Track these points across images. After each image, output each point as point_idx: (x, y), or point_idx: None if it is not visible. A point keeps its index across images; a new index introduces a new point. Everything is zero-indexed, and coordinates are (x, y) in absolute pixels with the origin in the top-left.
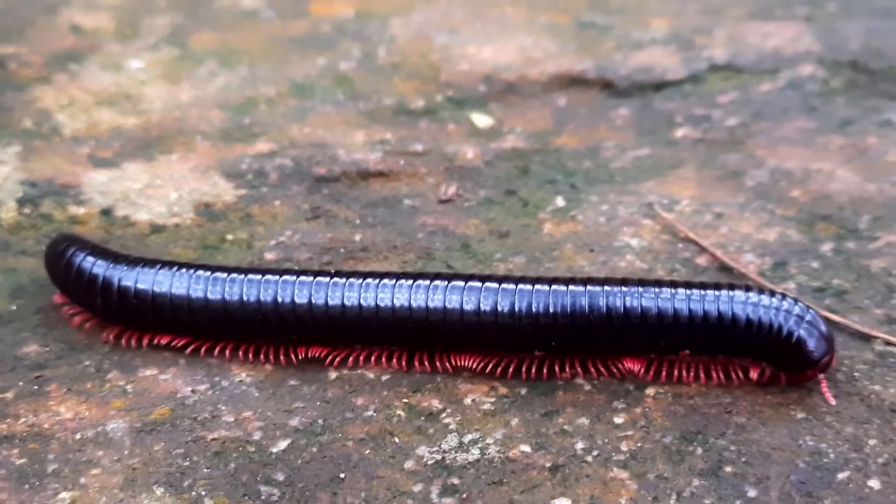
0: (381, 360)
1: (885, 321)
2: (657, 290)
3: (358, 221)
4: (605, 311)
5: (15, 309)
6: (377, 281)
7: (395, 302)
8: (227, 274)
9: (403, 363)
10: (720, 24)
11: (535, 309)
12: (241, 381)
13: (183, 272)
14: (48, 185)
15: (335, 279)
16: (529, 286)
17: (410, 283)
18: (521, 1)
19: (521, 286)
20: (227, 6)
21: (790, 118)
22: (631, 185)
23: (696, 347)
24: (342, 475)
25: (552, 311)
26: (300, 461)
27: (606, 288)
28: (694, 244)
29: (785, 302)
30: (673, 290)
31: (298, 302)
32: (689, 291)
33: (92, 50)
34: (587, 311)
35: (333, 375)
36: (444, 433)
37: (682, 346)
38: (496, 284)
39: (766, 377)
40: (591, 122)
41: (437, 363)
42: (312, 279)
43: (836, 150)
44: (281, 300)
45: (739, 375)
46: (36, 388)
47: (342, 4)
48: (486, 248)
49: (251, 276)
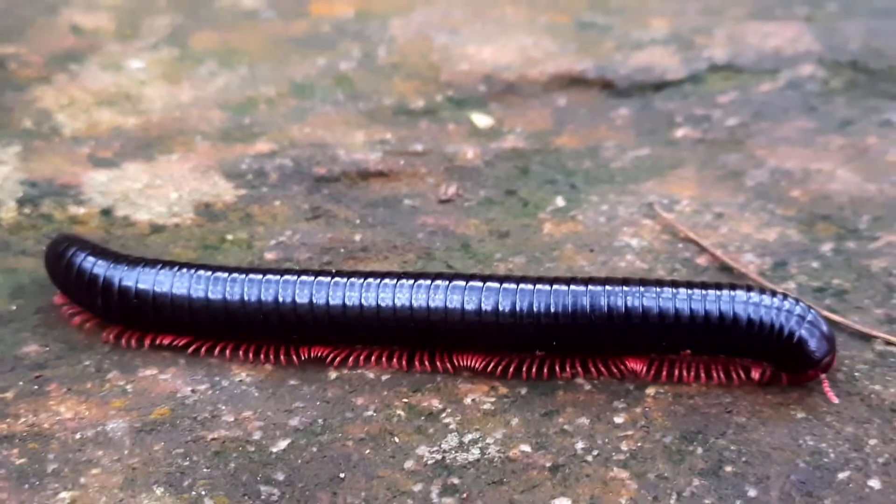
0: (381, 359)
1: (885, 321)
2: (658, 289)
3: (358, 221)
4: (606, 310)
5: (15, 309)
6: (378, 281)
7: (396, 302)
8: (228, 274)
9: (404, 363)
10: (720, 24)
11: (536, 309)
12: (241, 380)
13: (184, 272)
14: (48, 185)
15: (336, 279)
16: (531, 286)
17: (411, 282)
18: (521, 1)
19: (522, 286)
20: (227, 6)
21: (790, 118)
22: (631, 185)
23: (697, 347)
24: (342, 475)
25: (553, 310)
26: (300, 461)
27: (608, 287)
28: (694, 244)
29: (786, 302)
30: (674, 289)
31: (299, 302)
32: (690, 291)
33: (92, 50)
34: (588, 310)
35: (333, 375)
36: (444, 433)
37: (683, 345)
38: (497, 284)
39: (766, 377)
40: (591, 122)
41: (437, 363)
42: (313, 279)
43: (836, 150)
44: (282, 300)
45: (740, 375)
46: (36, 387)
47: (342, 4)
48: (486, 248)
49: (252, 275)
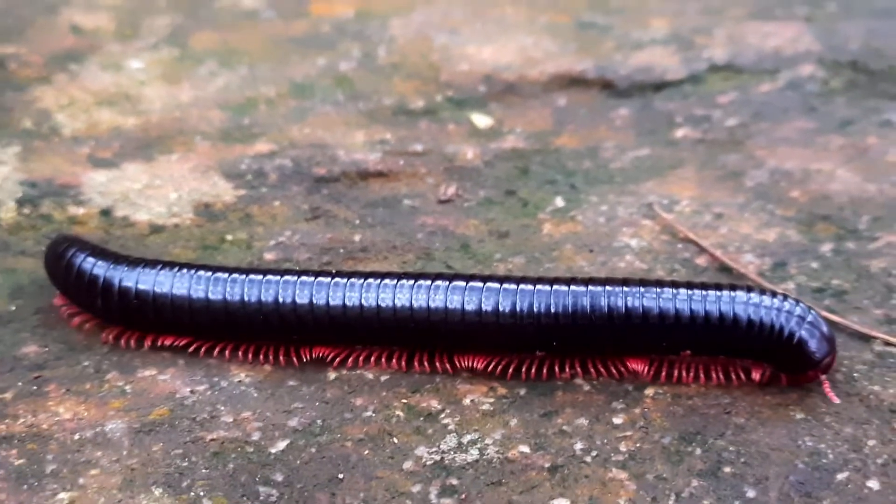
0: (380, 360)
1: (884, 321)
2: (659, 290)
3: (357, 222)
4: (606, 311)
5: (14, 309)
6: (378, 281)
7: (396, 302)
8: (228, 274)
9: (403, 364)
10: (720, 24)
11: (536, 309)
12: (240, 381)
13: (184, 272)
14: (48, 185)
15: (336, 279)
16: (531, 286)
17: (412, 283)
18: (521, 1)
19: (522, 286)
20: (227, 6)
21: (790, 118)
22: (631, 185)
23: (697, 348)
24: (341, 476)
25: (554, 311)
26: (299, 462)
27: (608, 288)
28: (693, 244)
29: (786, 303)
30: (674, 290)
31: (299, 302)
32: (690, 292)
33: (92, 50)
34: (589, 311)
35: (332, 376)
36: (442, 434)
37: (683, 346)
38: (497, 284)
39: (765, 378)
40: (590, 122)
41: (436, 363)
42: (313, 279)
43: (835, 150)
44: (282, 300)
45: (739, 376)
46: (35, 388)
47: (342, 4)
48: (485, 248)
49: (252, 276)
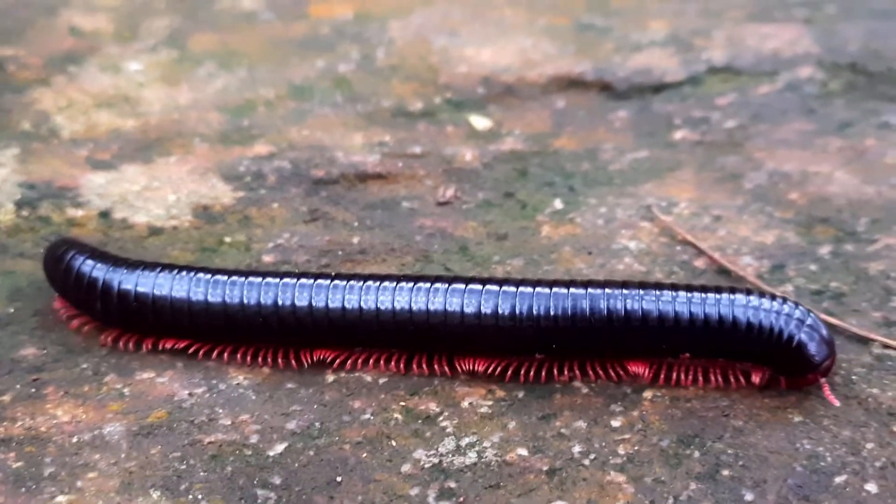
0: (378, 362)
1: (883, 324)
2: (658, 292)
3: (356, 224)
4: (606, 313)
5: (12, 311)
6: (378, 283)
7: (395, 305)
8: (227, 277)
9: (402, 366)
10: (719, 25)
11: (536, 312)
12: (238, 384)
13: (183, 275)
14: (46, 187)
15: (335, 282)
16: (530, 289)
17: (411, 285)
18: (520, 3)
19: (521, 289)
20: (226, 8)
21: (789, 120)
22: (629, 187)
23: (696, 351)
24: (339, 479)
25: (553, 313)
26: (297, 465)
27: (607, 291)
28: (692, 247)
29: (786, 306)
30: (674, 293)
31: (299, 305)
32: (690, 294)
33: (91, 52)
34: (588, 313)
35: (331, 378)
36: (441, 436)
37: (682, 349)
38: (497, 287)
39: (764, 381)
40: (589, 124)
41: (435, 366)
42: (313, 282)
43: (834, 152)
44: (281, 303)
45: (738, 379)
46: (33, 391)
47: (341, 6)
48: (484, 250)
49: (252, 278)
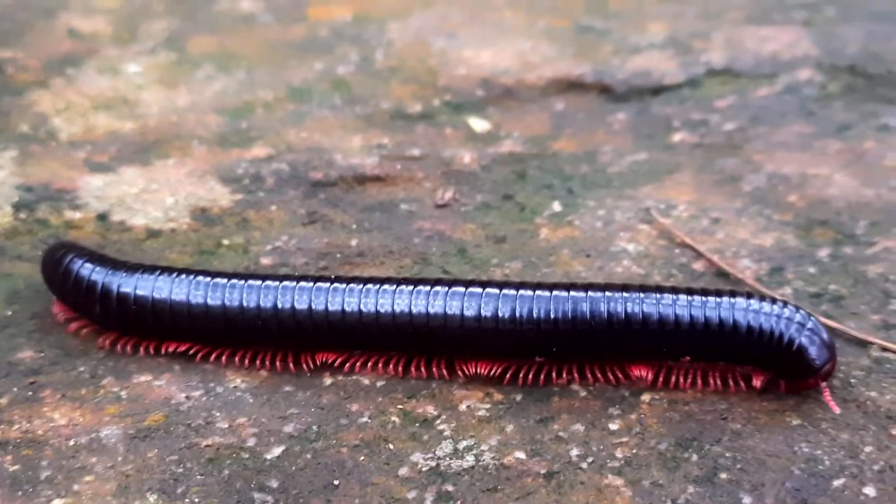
0: (377, 365)
1: (881, 327)
2: (658, 296)
3: (354, 226)
4: (606, 317)
5: (10, 314)
6: (377, 287)
7: (395, 308)
8: (227, 280)
9: (400, 369)
10: (718, 28)
11: (536, 315)
12: (235, 386)
13: (182, 278)
14: (44, 189)
15: (335, 285)
16: (530, 292)
17: (411, 288)
18: (519, 5)
19: (521, 292)
20: (224, 10)
21: (788, 123)
22: (628, 189)
23: (696, 354)
24: (336, 482)
25: (553, 316)
26: (294, 468)
27: (608, 294)
28: (690, 249)
29: (786, 309)
30: (674, 296)
31: (298, 308)
32: (690, 298)
33: (89, 54)
34: (588, 316)
35: (328, 381)
36: (438, 440)
37: (682, 352)
38: (497, 290)
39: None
40: (588, 126)
41: (433, 369)
42: (312, 285)
43: (833, 154)
44: (281, 306)
45: (738, 382)
46: (30, 393)
47: (340, 8)
48: (482, 253)
49: (251, 281)
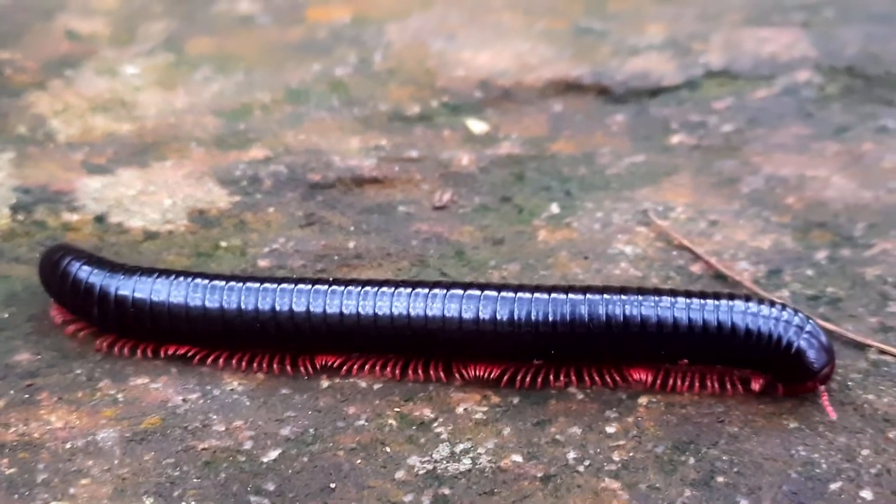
0: (374, 368)
1: (879, 329)
2: (657, 298)
3: (352, 228)
4: (604, 319)
5: (7, 316)
6: (376, 289)
7: (393, 310)
8: (225, 282)
9: (397, 372)
10: (717, 29)
11: (534, 317)
12: (232, 389)
13: (181, 281)
14: (42, 191)
15: (334, 287)
16: (529, 294)
17: (409, 291)
18: (517, 6)
19: (520, 294)
20: (223, 12)
21: (786, 124)
22: (626, 191)
23: (695, 357)
24: (333, 485)
25: (551, 319)
26: (291, 471)
27: (606, 296)
28: (688, 252)
29: (785, 312)
30: (673, 298)
31: (296, 310)
32: (688, 300)
33: (87, 56)
34: (587, 319)
35: (325, 384)
36: (435, 442)
37: (681, 355)
38: (495, 293)
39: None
40: (586, 128)
41: (430, 372)
42: (310, 287)
43: (831, 156)
44: (279, 308)
45: (735, 385)
46: (27, 396)
47: (339, 10)
48: (480, 255)
49: (249, 284)
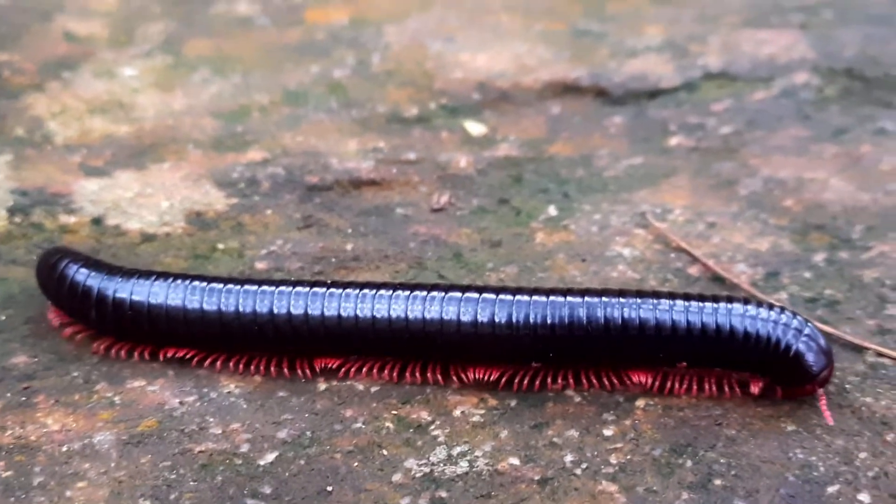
0: (371, 371)
1: (877, 332)
2: (656, 301)
3: (350, 230)
4: (603, 322)
5: (4, 319)
6: (374, 292)
7: (391, 313)
8: (223, 285)
9: (394, 374)
10: (715, 31)
11: (533, 320)
12: (229, 392)
13: (179, 283)
14: (39, 193)
15: (331, 290)
16: (527, 297)
17: (407, 293)
18: (516, 8)
19: (518, 297)
20: (221, 13)
21: (784, 126)
22: (624, 193)
23: (693, 359)
24: (330, 488)
25: (550, 322)
26: (287, 474)
27: (605, 299)
28: (686, 254)
29: (784, 315)
30: (671, 301)
31: (295, 313)
32: (687, 303)
33: (85, 57)
34: (585, 322)
35: (322, 387)
36: (432, 445)
37: (679, 357)
38: (494, 295)
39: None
40: (584, 130)
41: (428, 374)
42: (309, 290)
43: (829, 158)
44: (277, 311)
45: (734, 388)
46: (24, 399)
47: (337, 12)
48: (478, 257)
49: (247, 286)
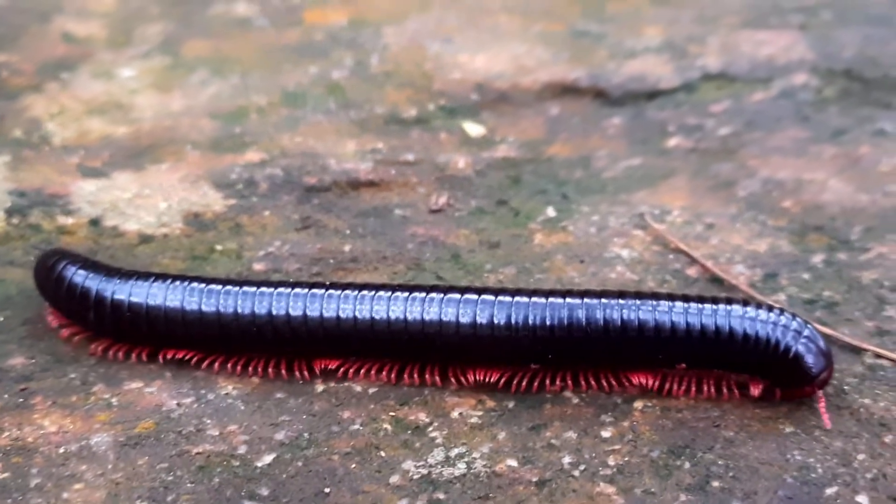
0: (369, 372)
1: (875, 333)
2: (655, 302)
3: (348, 232)
4: (602, 324)
5: (2, 320)
6: (373, 293)
7: (390, 314)
8: (221, 286)
9: (392, 376)
10: (714, 32)
11: (532, 322)
12: (226, 393)
13: (177, 285)
14: (37, 194)
15: (330, 291)
16: (526, 298)
17: (406, 295)
18: (515, 9)
19: (518, 299)
20: (219, 14)
21: (783, 127)
22: (622, 195)
23: (692, 361)
24: (327, 490)
25: (549, 323)
26: (285, 476)
27: (604, 300)
28: (685, 255)
29: (783, 317)
30: (671, 303)
31: (293, 314)
32: (686, 305)
33: (84, 58)
34: (584, 323)
35: (320, 388)
36: (430, 447)
37: (678, 359)
38: (493, 297)
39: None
40: (583, 131)
41: (426, 376)
42: (307, 291)
43: (828, 159)
44: (276, 312)
45: (732, 390)
46: (21, 400)
47: (336, 13)
48: (476, 258)
49: (246, 288)
